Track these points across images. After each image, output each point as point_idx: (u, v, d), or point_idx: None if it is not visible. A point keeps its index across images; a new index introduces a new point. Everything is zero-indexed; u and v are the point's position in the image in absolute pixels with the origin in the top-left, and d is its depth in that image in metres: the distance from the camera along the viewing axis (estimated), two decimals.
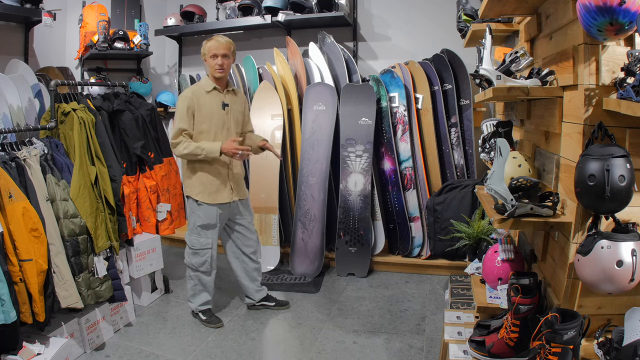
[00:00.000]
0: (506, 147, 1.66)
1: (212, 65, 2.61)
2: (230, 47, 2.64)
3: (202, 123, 2.60)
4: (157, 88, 4.70)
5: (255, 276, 2.94)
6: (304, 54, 3.94)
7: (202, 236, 2.69)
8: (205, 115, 2.60)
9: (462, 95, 3.64)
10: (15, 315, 2.03)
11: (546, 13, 1.94)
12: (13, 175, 2.18)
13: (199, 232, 2.69)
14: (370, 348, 2.53)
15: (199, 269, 2.74)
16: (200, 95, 2.62)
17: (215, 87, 2.64)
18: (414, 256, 3.65)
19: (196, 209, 2.68)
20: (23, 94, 2.74)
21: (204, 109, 2.60)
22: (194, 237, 2.71)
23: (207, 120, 2.61)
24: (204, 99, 2.61)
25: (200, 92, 2.63)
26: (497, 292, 2.07)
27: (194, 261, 2.73)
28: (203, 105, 2.60)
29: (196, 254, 2.72)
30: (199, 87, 2.67)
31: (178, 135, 2.57)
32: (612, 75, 1.42)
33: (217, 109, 2.64)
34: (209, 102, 2.62)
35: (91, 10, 4.08)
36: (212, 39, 2.63)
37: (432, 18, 3.92)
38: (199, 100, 2.60)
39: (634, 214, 1.44)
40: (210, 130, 2.62)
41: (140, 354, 2.51)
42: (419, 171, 3.63)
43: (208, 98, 2.63)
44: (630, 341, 1.30)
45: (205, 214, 2.66)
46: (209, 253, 2.72)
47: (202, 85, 2.67)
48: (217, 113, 2.64)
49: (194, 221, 2.70)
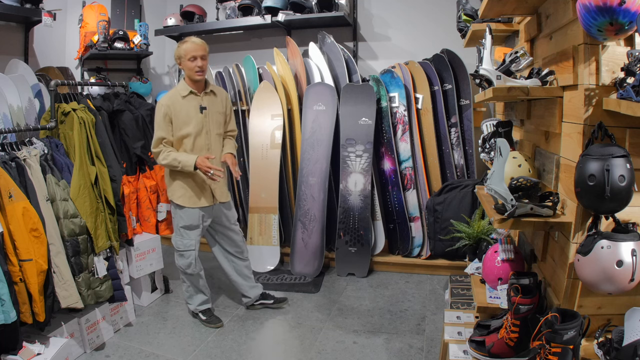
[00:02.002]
0: (506, 147, 1.66)
1: (192, 68, 2.55)
2: (207, 48, 2.61)
3: (180, 129, 2.58)
4: (157, 88, 4.70)
5: (246, 273, 2.95)
6: (304, 54, 3.94)
7: (185, 237, 2.70)
8: (183, 121, 2.57)
9: (462, 95, 3.64)
10: (15, 315, 2.03)
11: (546, 13, 1.94)
12: (13, 175, 2.18)
13: (182, 234, 2.70)
14: (370, 348, 2.53)
15: (187, 272, 2.75)
16: (177, 101, 2.58)
17: (191, 91, 2.60)
18: (414, 256, 3.65)
19: (178, 210, 2.68)
20: (23, 94, 2.74)
21: (181, 114, 2.57)
22: (178, 239, 2.72)
23: (185, 126, 2.58)
24: (180, 104, 2.58)
25: (176, 98, 2.59)
26: (497, 292, 2.07)
27: (181, 263, 2.74)
28: (180, 111, 2.57)
29: (182, 256, 2.73)
30: (175, 92, 2.62)
31: (158, 144, 2.56)
32: (612, 75, 1.42)
33: (194, 113, 2.60)
34: (186, 107, 2.59)
35: (91, 10, 4.08)
36: (186, 41, 2.57)
37: (432, 18, 3.92)
38: (176, 107, 2.56)
39: (634, 214, 1.44)
40: (191, 135, 2.59)
41: (140, 354, 2.51)
42: (419, 171, 3.63)
43: (184, 103, 2.59)
44: (630, 341, 1.30)
45: (187, 215, 2.67)
46: (193, 254, 2.71)
47: (178, 90, 2.62)
48: (195, 117, 2.60)
49: (177, 222, 2.70)
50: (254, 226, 3.73)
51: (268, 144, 3.76)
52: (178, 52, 2.59)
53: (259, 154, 3.77)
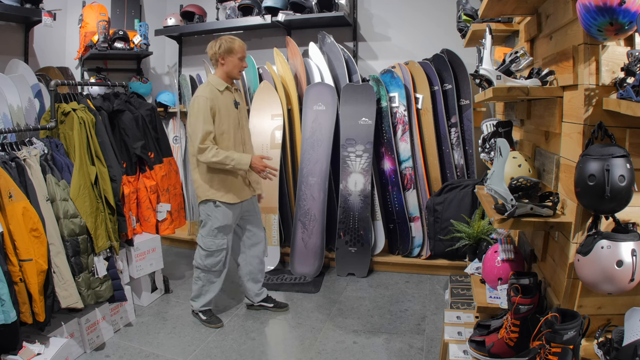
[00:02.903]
0: (506, 147, 1.65)
1: (239, 66, 2.62)
2: None
3: (222, 124, 2.57)
4: (157, 88, 4.70)
5: (259, 278, 2.94)
6: (304, 54, 3.95)
7: (219, 237, 2.69)
8: (224, 115, 2.58)
9: (462, 95, 3.64)
10: (15, 315, 2.03)
11: (546, 13, 1.94)
12: (13, 175, 2.18)
13: (216, 234, 2.68)
14: (370, 348, 2.53)
15: (212, 269, 2.73)
16: (217, 95, 2.58)
17: (227, 87, 2.63)
18: (414, 256, 3.65)
19: (213, 211, 2.64)
20: (23, 94, 2.74)
21: (222, 108, 2.58)
22: (209, 240, 2.69)
23: (226, 121, 2.58)
24: (220, 99, 2.59)
25: (215, 92, 2.59)
26: (497, 292, 2.06)
27: (208, 262, 2.72)
28: (221, 106, 2.58)
29: (210, 256, 2.71)
30: (211, 87, 2.60)
31: (205, 139, 2.48)
32: (612, 75, 1.42)
33: (232, 108, 2.63)
34: (225, 102, 2.61)
35: (91, 10, 4.08)
36: (234, 40, 2.60)
37: (432, 18, 3.92)
38: (218, 101, 2.56)
39: (634, 214, 1.44)
40: (230, 130, 2.60)
41: (140, 354, 2.51)
42: (419, 171, 3.63)
43: (222, 98, 2.60)
44: (630, 341, 1.30)
45: (223, 215, 2.65)
46: (224, 253, 2.72)
47: (214, 84, 2.61)
48: (232, 112, 2.63)
49: (212, 224, 2.66)
50: None
51: (268, 144, 3.76)
52: (229, 47, 2.56)
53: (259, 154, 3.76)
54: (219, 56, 2.60)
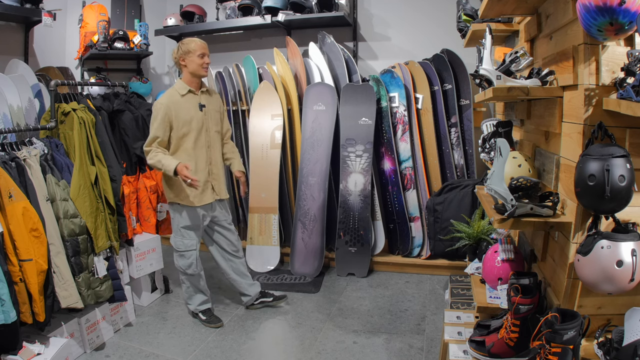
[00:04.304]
0: (506, 147, 1.66)
1: (200, 64, 2.60)
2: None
3: (181, 128, 2.58)
4: (157, 88, 4.70)
5: (243, 271, 2.96)
6: (304, 54, 3.94)
7: (186, 237, 2.71)
8: (184, 120, 2.59)
9: (462, 95, 3.64)
10: (15, 315, 2.03)
11: (546, 13, 1.94)
12: (13, 175, 2.18)
13: (183, 234, 2.70)
14: (370, 348, 2.53)
15: (187, 272, 2.75)
16: (176, 101, 2.60)
17: (190, 90, 2.63)
18: (414, 256, 3.65)
19: (180, 210, 2.68)
20: (23, 94, 2.74)
21: (182, 113, 2.58)
22: (178, 239, 2.72)
23: (186, 125, 2.59)
24: (180, 103, 2.60)
25: (175, 98, 2.61)
26: (497, 292, 2.07)
27: (181, 264, 2.75)
28: (180, 110, 2.58)
29: (182, 256, 2.73)
30: (173, 92, 2.64)
31: (150, 143, 2.55)
32: (612, 75, 1.42)
33: (194, 112, 2.63)
34: (186, 106, 2.61)
35: (91, 10, 4.08)
36: (192, 40, 2.61)
37: (432, 18, 3.92)
38: (176, 106, 2.58)
39: (634, 214, 1.44)
40: (192, 133, 2.61)
41: (140, 354, 2.51)
42: (419, 171, 3.63)
43: (184, 102, 2.61)
44: (630, 341, 1.30)
45: (189, 215, 2.67)
46: (194, 254, 2.73)
47: (176, 89, 2.64)
48: (196, 115, 2.63)
49: (177, 223, 2.70)
50: (254, 226, 3.73)
51: (268, 144, 3.76)
52: (186, 48, 2.59)
53: (259, 154, 3.77)
54: (179, 59, 2.62)
